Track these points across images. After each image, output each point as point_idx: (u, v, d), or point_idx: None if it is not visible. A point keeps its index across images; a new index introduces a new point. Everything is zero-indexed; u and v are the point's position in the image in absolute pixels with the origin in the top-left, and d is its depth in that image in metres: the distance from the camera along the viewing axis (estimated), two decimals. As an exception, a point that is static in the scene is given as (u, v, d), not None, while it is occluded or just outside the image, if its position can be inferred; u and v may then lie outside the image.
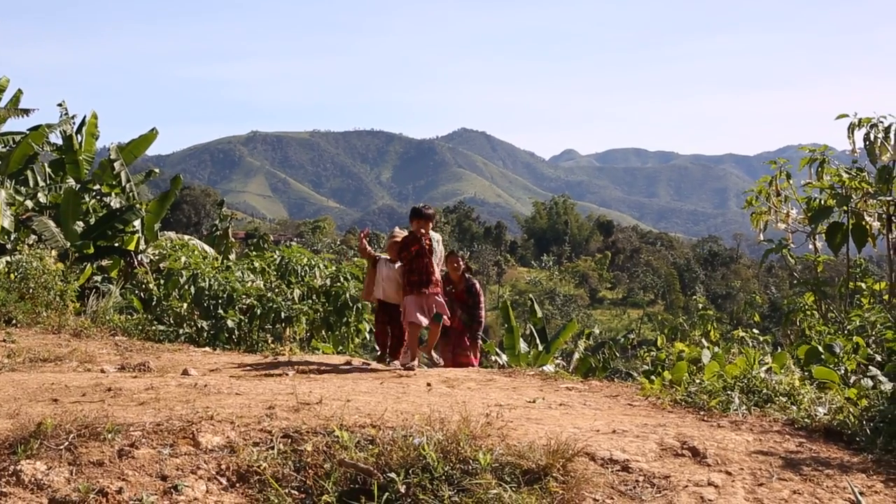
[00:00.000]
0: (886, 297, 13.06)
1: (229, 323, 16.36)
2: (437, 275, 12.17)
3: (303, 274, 18.82)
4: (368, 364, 12.27)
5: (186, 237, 25.63)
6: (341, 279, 18.67)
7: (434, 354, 12.49)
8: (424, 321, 11.86)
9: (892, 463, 6.40)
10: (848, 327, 11.25)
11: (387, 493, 5.43)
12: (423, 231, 11.92)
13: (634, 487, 5.73)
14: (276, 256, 19.54)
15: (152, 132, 25.88)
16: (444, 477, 5.57)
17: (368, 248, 12.70)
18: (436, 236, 12.28)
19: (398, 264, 12.18)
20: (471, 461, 5.70)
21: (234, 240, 29.03)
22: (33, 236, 20.67)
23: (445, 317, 12.32)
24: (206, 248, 23.94)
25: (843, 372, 9.06)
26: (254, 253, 21.70)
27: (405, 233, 12.31)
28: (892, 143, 13.01)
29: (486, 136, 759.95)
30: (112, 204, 23.40)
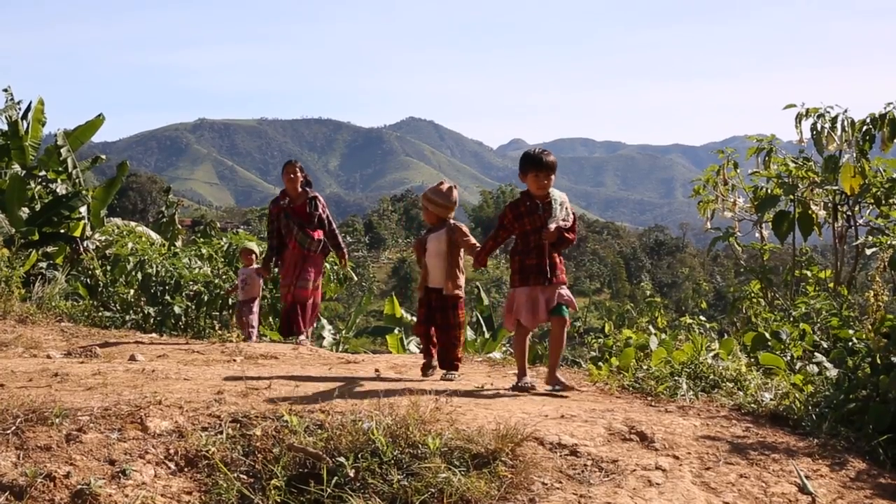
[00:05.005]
0: (832, 285, 13.19)
1: (176, 309, 16.32)
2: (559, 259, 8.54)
3: (250, 261, 18.78)
4: (315, 351, 12.22)
5: (133, 224, 25.47)
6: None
7: (560, 377, 8.42)
8: (534, 325, 8.53)
9: (838, 447, 6.48)
10: (794, 314, 11.36)
11: (336, 478, 5.43)
12: (542, 188, 8.46)
13: (583, 471, 5.76)
14: (223, 243, 19.48)
15: (99, 118, 25.62)
16: (393, 461, 5.58)
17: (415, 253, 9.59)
18: (559, 196, 8.58)
19: (442, 231, 9.20)
20: (420, 445, 5.71)
21: (180, 227, 28.85)
22: (-23, 223, 20.50)
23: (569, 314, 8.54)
24: (153, 234, 23.82)
25: (789, 358, 9.15)
26: (201, 240, 21.61)
27: (452, 185, 9.47)
28: (839, 133, 13.16)
29: (434, 125, 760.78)
30: (58, 190, 23.18)
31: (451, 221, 9.27)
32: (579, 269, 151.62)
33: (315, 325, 15.20)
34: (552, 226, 8.31)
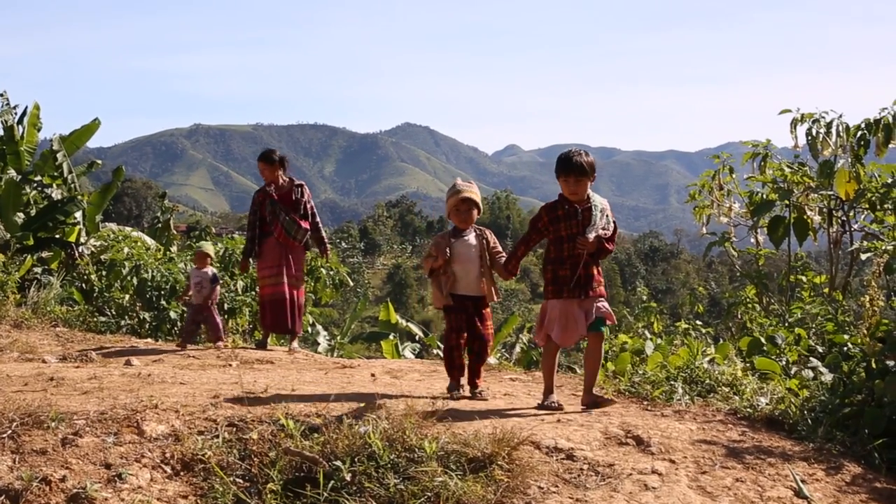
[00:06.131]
0: (826, 290, 13.21)
1: (172, 314, 16.27)
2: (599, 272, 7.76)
3: (246, 265, 18.75)
4: (311, 356, 12.19)
5: (128, 229, 25.40)
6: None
7: (596, 393, 7.67)
8: (567, 342, 7.71)
9: (833, 452, 6.49)
10: (789, 319, 11.37)
11: (332, 481, 5.42)
12: (573, 194, 7.70)
13: (579, 475, 5.76)
14: (219, 248, 19.43)
15: (94, 122, 25.55)
16: (389, 465, 5.57)
17: (438, 259, 8.26)
18: (600, 202, 7.77)
19: (472, 234, 8.47)
20: (416, 449, 5.70)
21: (175, 232, 28.78)
22: (-28, 228, 20.47)
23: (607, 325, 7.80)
24: (148, 240, 23.76)
25: (784, 363, 9.16)
26: (196, 245, 21.57)
27: (472, 186, 8.53)
28: (834, 138, 13.18)
29: (429, 131, 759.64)
30: (53, 195, 23.13)
31: (474, 225, 8.58)
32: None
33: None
34: (591, 235, 7.54)
